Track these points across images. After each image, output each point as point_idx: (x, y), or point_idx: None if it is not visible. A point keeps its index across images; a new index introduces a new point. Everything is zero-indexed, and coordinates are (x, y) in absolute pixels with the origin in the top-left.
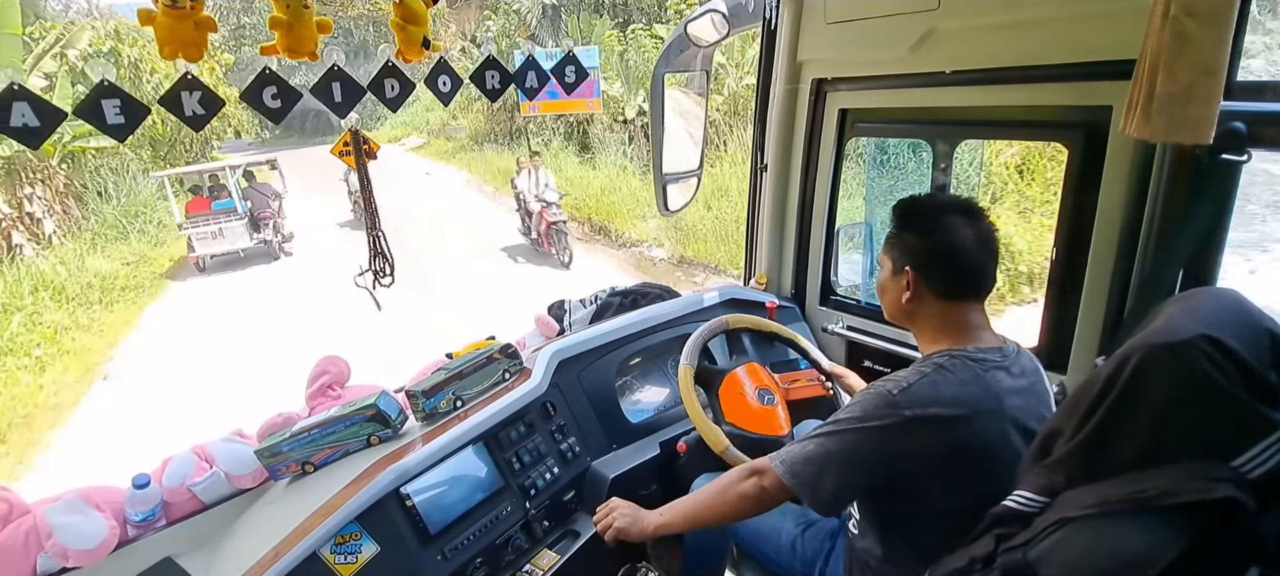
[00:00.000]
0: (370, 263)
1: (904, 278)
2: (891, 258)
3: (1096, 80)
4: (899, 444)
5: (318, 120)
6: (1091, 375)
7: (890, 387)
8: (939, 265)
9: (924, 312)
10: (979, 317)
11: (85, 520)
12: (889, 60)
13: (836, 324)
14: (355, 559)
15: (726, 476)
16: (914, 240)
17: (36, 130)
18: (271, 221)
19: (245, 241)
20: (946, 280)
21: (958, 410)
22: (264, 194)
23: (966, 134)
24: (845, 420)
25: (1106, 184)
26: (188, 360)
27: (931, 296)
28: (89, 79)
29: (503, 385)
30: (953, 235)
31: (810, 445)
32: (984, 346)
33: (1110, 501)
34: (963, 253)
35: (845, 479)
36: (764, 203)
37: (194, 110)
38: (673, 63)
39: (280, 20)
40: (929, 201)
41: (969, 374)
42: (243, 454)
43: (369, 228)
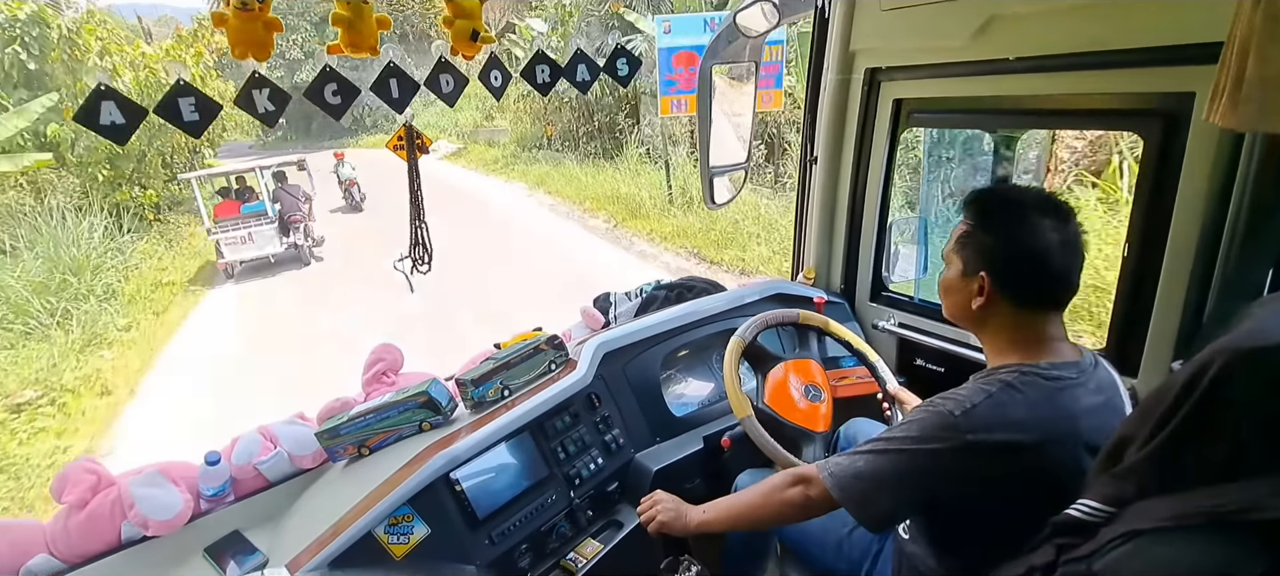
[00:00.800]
0: (410, 250)
1: (976, 282)
2: (962, 257)
3: (1177, 65)
4: (957, 468)
5: (324, 122)
6: (1168, 380)
7: (951, 408)
8: (1019, 272)
9: (996, 321)
10: (1056, 328)
11: (164, 493)
12: (948, 48)
13: (887, 321)
14: (407, 539)
15: (771, 481)
16: (992, 241)
17: (123, 127)
18: (302, 224)
19: (275, 246)
20: (1026, 289)
21: (1025, 436)
22: (294, 196)
23: (1031, 124)
24: (900, 438)
25: (1187, 176)
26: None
27: (1007, 304)
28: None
29: (549, 376)
30: (1037, 238)
31: (861, 461)
32: (1059, 361)
33: (1186, 514)
34: (1047, 259)
35: (897, 498)
36: (813, 196)
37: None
38: (721, 54)
39: (342, 16)
40: (1010, 196)
41: (1040, 394)
42: (304, 435)
43: (413, 219)
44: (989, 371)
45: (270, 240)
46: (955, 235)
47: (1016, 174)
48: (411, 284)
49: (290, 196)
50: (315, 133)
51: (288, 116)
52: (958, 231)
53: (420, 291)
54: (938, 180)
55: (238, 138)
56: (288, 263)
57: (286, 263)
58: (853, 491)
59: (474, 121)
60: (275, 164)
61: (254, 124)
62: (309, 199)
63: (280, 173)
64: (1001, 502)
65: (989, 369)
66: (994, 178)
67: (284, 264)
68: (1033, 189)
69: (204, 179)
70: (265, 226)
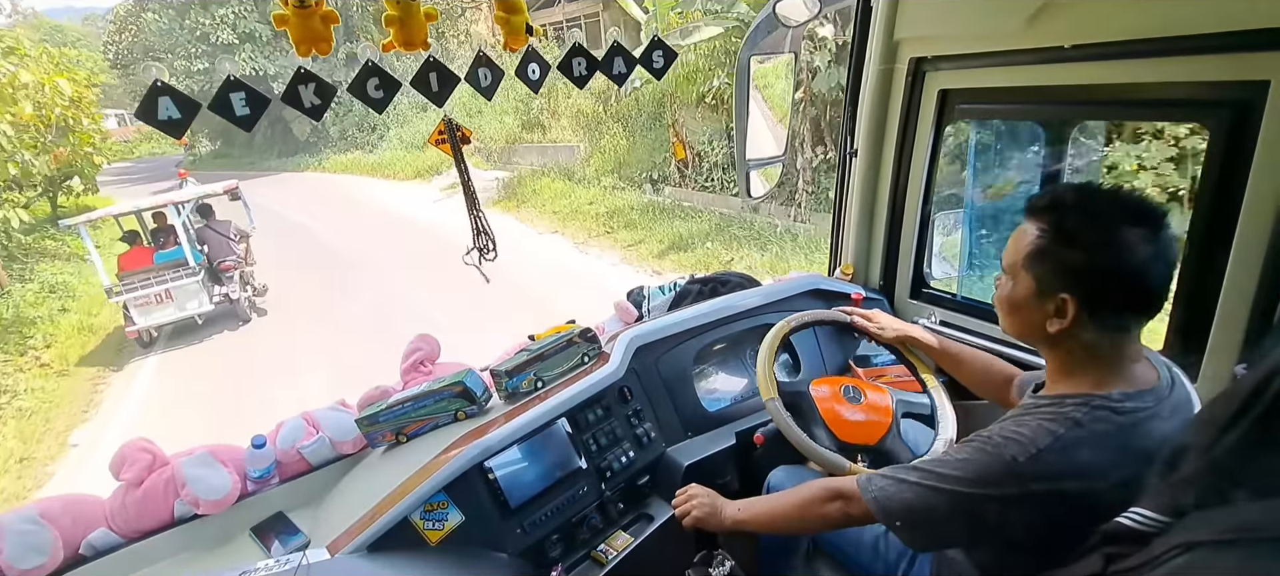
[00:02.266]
0: (474, 240)
1: (1054, 303)
2: (1035, 275)
3: (1249, 51)
4: (1016, 514)
5: (284, 135)
6: (1233, 385)
7: (1015, 453)
8: (1111, 294)
9: (1072, 344)
10: (1136, 347)
11: (214, 473)
12: (999, 35)
13: (928, 318)
14: (442, 526)
15: (810, 492)
16: (1078, 258)
17: (179, 121)
18: (237, 271)
19: (203, 302)
20: (1117, 311)
21: (1094, 483)
22: (224, 234)
23: (1087, 115)
24: (957, 478)
25: (1258, 170)
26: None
27: (1091, 327)
28: None
29: (582, 368)
30: (1131, 254)
31: (909, 492)
32: (1135, 388)
33: (1251, 527)
34: (1143, 278)
35: (948, 534)
36: (852, 190)
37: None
38: (759, 45)
39: (393, 16)
40: (1097, 202)
41: (1113, 433)
42: (345, 421)
43: (470, 209)
44: (1054, 403)
45: (195, 295)
46: (1025, 247)
47: (1068, 171)
48: (484, 275)
49: (219, 236)
50: (260, 148)
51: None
52: (1028, 243)
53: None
54: (983, 173)
55: (146, 154)
56: (222, 321)
57: (220, 321)
58: (900, 517)
59: (508, 132)
60: (196, 196)
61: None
62: (245, 237)
63: (205, 206)
64: (1057, 529)
65: (1053, 398)
66: (1045, 174)
67: (217, 322)
68: (1120, 191)
69: (97, 221)
70: (188, 278)
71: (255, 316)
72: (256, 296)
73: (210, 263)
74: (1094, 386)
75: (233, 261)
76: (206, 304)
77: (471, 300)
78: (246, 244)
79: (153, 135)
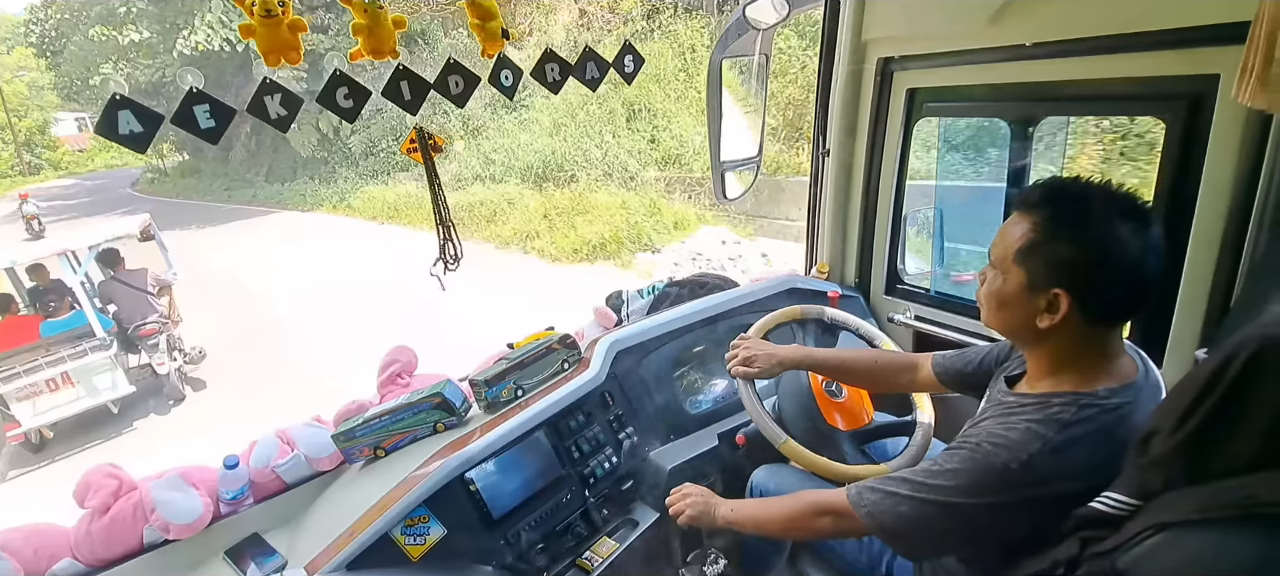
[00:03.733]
0: (440, 252)
1: (1046, 298)
2: (1027, 268)
3: (1202, 46)
4: (1009, 518)
5: (276, 148)
6: (1194, 370)
7: (1006, 459)
8: (1105, 287)
9: (1060, 340)
10: (1119, 343)
11: (184, 497)
12: (963, 35)
13: (903, 314)
14: (424, 540)
15: (801, 505)
16: (1072, 253)
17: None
18: (160, 336)
19: (118, 381)
20: (1108, 306)
21: (1085, 483)
22: (140, 288)
23: (1049, 111)
24: (948, 488)
25: (1212, 160)
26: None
27: (1081, 322)
28: None
29: (562, 375)
30: (1126, 249)
31: (904, 505)
32: (1119, 383)
33: (1214, 507)
34: (1137, 273)
35: (943, 543)
36: (826, 189)
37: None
38: (730, 47)
39: (361, 25)
40: (1091, 196)
41: (1099, 432)
42: (321, 438)
43: (438, 221)
44: (1040, 403)
45: (106, 374)
46: (1016, 241)
47: (1033, 164)
48: (443, 284)
49: (133, 291)
50: (241, 166)
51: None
52: (1020, 236)
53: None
54: (953, 170)
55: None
56: (146, 401)
57: (143, 402)
58: (893, 529)
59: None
60: (101, 240)
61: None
62: (166, 287)
63: (109, 252)
64: (1051, 527)
65: (1038, 397)
66: (1011, 170)
67: (139, 405)
68: (1111, 186)
69: None
70: (95, 354)
71: (190, 392)
72: (190, 364)
73: (123, 328)
74: (1079, 384)
75: (155, 323)
76: (123, 385)
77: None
78: (169, 297)
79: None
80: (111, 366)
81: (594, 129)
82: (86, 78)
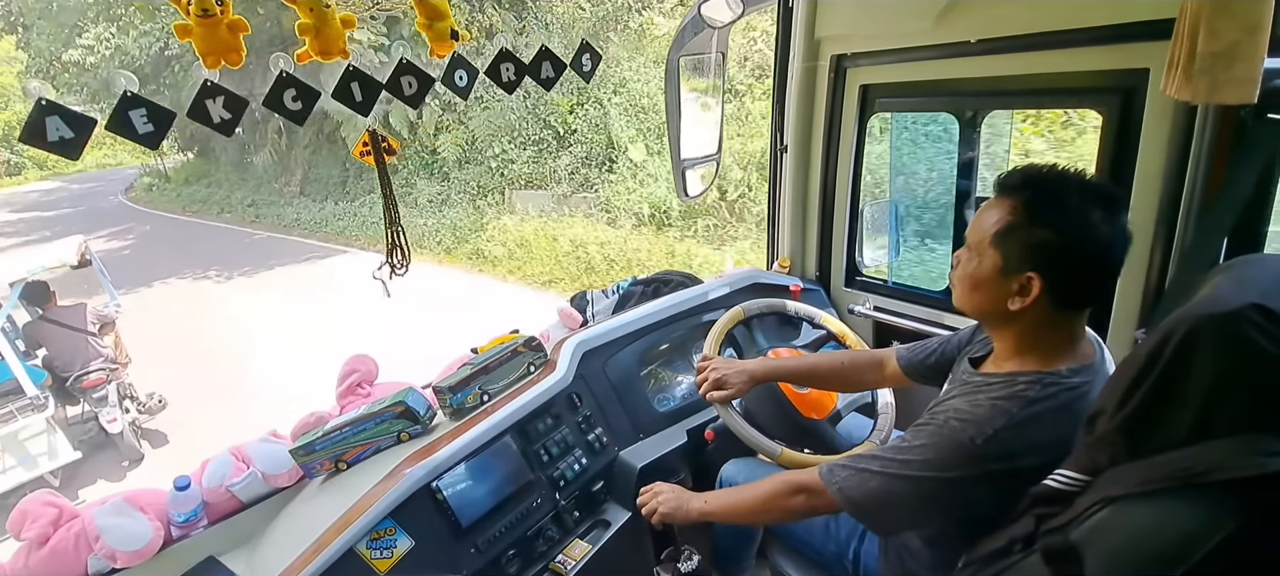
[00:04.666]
0: (387, 255)
1: (1019, 281)
2: (1003, 252)
3: (1133, 42)
4: (976, 492)
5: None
6: (1134, 350)
7: (972, 434)
8: (1075, 274)
9: (1028, 322)
10: (1082, 327)
11: (131, 522)
12: (912, 32)
13: (863, 305)
14: (391, 553)
15: (773, 487)
16: (1047, 237)
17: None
18: (107, 385)
19: (60, 450)
20: (1077, 291)
21: (1048, 456)
22: (74, 327)
23: (995, 105)
24: (915, 463)
25: (1145, 150)
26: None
27: (1050, 306)
28: None
29: (528, 378)
30: (1097, 234)
31: (873, 480)
32: (1078, 365)
33: (1156, 479)
34: (1107, 258)
35: (913, 518)
36: (785, 185)
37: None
38: (687, 46)
39: (308, 26)
40: (1064, 183)
41: (1059, 404)
42: (278, 453)
43: (387, 223)
44: (1006, 381)
45: (40, 437)
46: (993, 224)
47: (981, 155)
48: (388, 289)
49: (70, 331)
50: (265, 177)
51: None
52: (996, 220)
53: None
54: (905, 162)
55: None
56: (95, 463)
57: (91, 466)
58: (864, 506)
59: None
60: (17, 276)
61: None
62: (109, 323)
63: (36, 286)
64: (1013, 503)
65: (1004, 376)
66: (961, 160)
67: (86, 470)
68: (1082, 173)
69: None
70: (23, 415)
71: (148, 447)
72: (145, 414)
73: (59, 378)
74: (1043, 364)
75: (100, 371)
76: (65, 450)
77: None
78: (113, 334)
79: (105, 139)
80: (48, 429)
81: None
82: (58, 54)
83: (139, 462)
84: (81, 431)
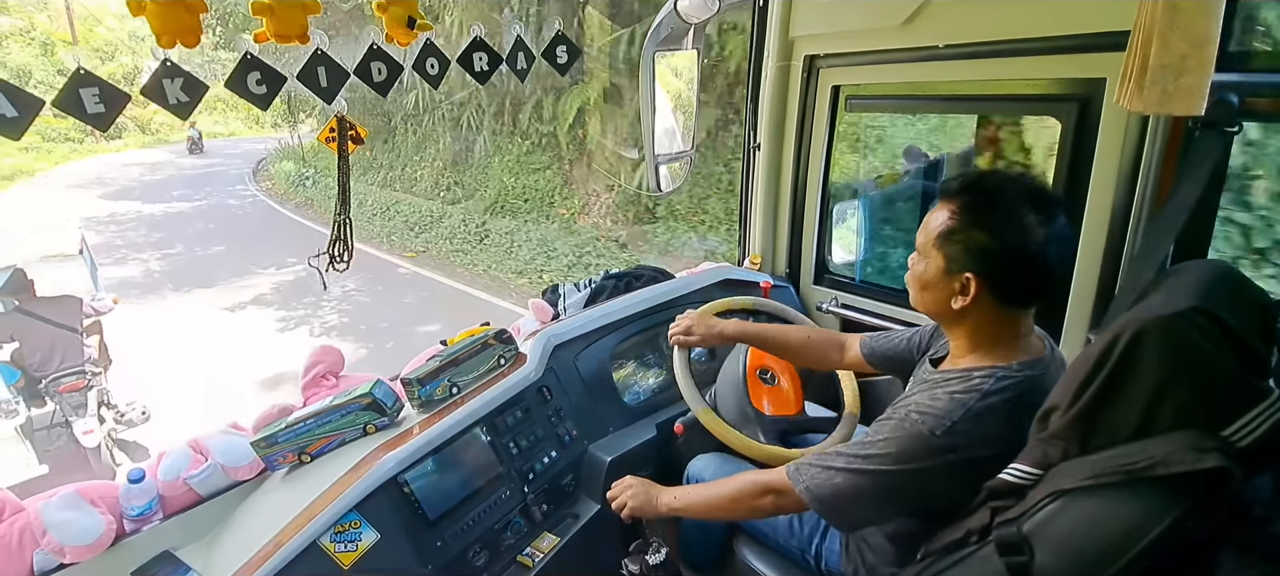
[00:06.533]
0: (329, 247)
1: (960, 281)
2: (945, 254)
3: (1090, 52)
4: (938, 484)
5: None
6: (1085, 350)
7: (932, 426)
8: (1012, 273)
9: (974, 319)
10: (1029, 324)
11: (81, 515)
12: (881, 35)
13: (831, 302)
14: (355, 546)
15: (741, 486)
16: (983, 240)
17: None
18: (88, 390)
19: (24, 459)
20: (1017, 290)
21: (1003, 446)
22: (63, 325)
23: (959, 109)
24: (879, 457)
25: (1100, 157)
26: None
27: (993, 304)
28: None
29: (498, 371)
30: (1031, 237)
31: (838, 477)
32: (1028, 359)
33: (1103, 473)
34: (1041, 257)
35: (878, 512)
36: (757, 182)
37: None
38: (662, 40)
39: (264, 4)
40: (1002, 188)
41: (1012, 396)
42: (238, 445)
43: (337, 212)
44: (962, 376)
45: (9, 444)
46: (937, 228)
47: (947, 156)
48: (324, 281)
49: (52, 327)
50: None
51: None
52: (939, 223)
53: None
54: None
55: (209, 130)
56: (58, 476)
57: (53, 482)
58: (831, 504)
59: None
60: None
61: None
62: (92, 316)
63: (15, 275)
64: (970, 494)
65: (961, 371)
66: (927, 161)
67: (47, 486)
68: (1024, 178)
69: None
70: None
71: (128, 462)
72: (124, 425)
73: (32, 379)
74: (997, 359)
75: (76, 374)
76: (31, 462)
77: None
78: (99, 335)
79: (223, 99)
80: (18, 438)
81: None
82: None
83: (113, 479)
84: (48, 440)
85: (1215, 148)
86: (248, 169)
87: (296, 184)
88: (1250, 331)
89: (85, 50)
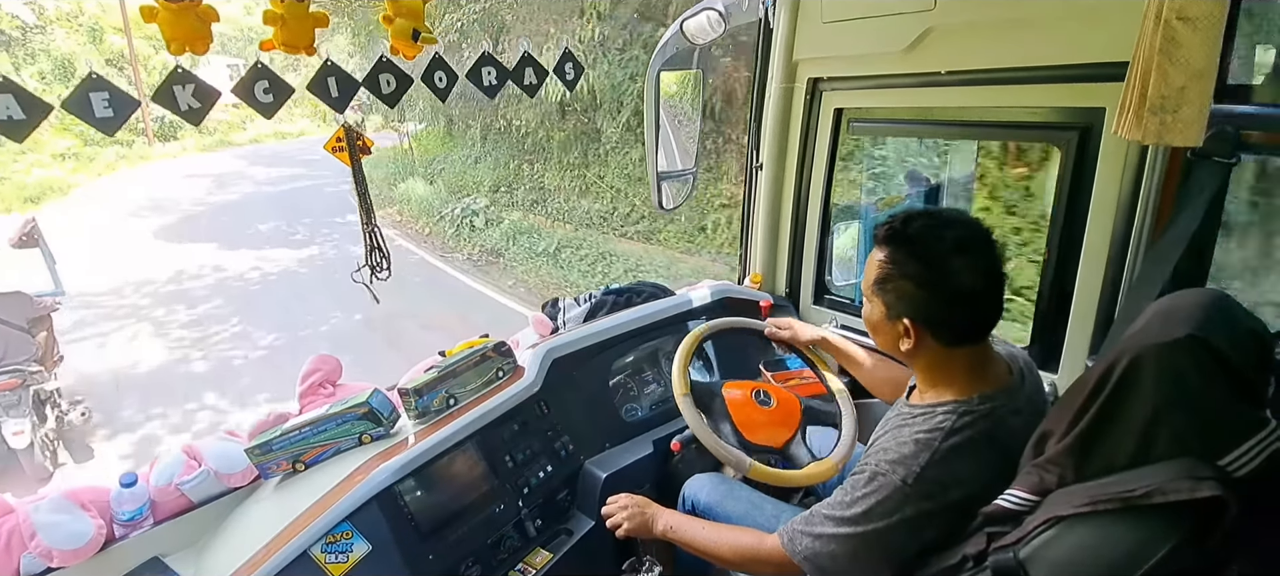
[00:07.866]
0: (366, 257)
1: (901, 326)
2: (884, 301)
3: (1090, 82)
4: (918, 530)
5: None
6: (1083, 376)
7: (903, 476)
8: (945, 317)
9: (924, 360)
10: (985, 352)
11: (71, 519)
12: (885, 60)
13: (830, 323)
14: (346, 558)
15: (739, 546)
16: (912, 288)
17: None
18: (21, 389)
19: None
20: (954, 331)
21: (974, 487)
22: (10, 323)
23: (960, 135)
24: (860, 516)
25: (1099, 186)
26: None
27: (937, 346)
28: None
29: (496, 383)
30: (961, 280)
31: (832, 543)
32: (992, 389)
33: (1099, 500)
34: (972, 300)
35: (875, 569)
36: (758, 202)
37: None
38: (668, 60)
39: (274, 14)
40: (929, 233)
41: (979, 433)
42: (232, 452)
43: (364, 223)
44: (926, 413)
45: None
46: (873, 275)
47: (948, 181)
48: (375, 296)
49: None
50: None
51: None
52: (875, 270)
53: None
54: (877, 184)
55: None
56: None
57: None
58: (830, 568)
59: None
60: None
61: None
62: (45, 318)
63: None
64: (956, 533)
65: (925, 408)
66: (929, 186)
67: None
68: (951, 220)
69: None
70: None
71: (71, 461)
72: (64, 421)
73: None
74: (959, 393)
75: (10, 373)
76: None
77: None
78: (48, 331)
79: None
80: None
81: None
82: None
83: (46, 481)
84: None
85: (1213, 178)
86: (346, 184)
87: (434, 216)
88: (1247, 361)
89: (139, 39)
